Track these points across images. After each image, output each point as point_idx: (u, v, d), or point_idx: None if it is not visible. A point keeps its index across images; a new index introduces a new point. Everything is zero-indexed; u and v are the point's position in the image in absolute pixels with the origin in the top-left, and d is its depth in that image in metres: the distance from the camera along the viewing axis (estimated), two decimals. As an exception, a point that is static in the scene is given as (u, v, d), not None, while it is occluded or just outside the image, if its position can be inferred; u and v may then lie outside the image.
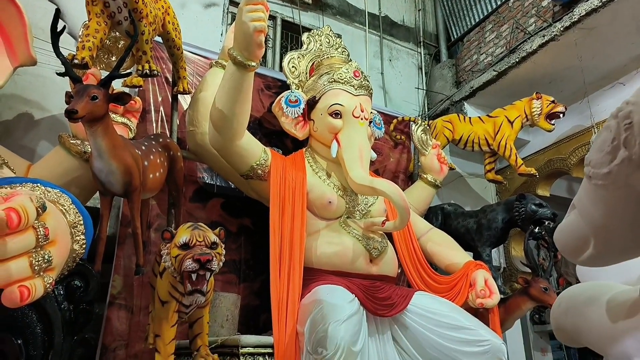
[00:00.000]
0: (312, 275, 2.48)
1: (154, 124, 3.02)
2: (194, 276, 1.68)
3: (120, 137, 2.06)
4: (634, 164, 0.68)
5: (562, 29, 3.50)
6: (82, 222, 1.83)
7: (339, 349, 1.93)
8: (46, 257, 1.49)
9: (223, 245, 1.88)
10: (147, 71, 2.21)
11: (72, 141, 2.32)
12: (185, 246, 1.73)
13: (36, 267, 1.45)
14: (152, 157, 2.25)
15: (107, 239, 2.82)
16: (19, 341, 1.68)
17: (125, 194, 2.07)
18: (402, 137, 3.97)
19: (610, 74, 3.69)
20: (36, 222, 1.47)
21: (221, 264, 1.85)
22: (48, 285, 1.52)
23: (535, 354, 4.46)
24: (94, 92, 1.81)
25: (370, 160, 2.88)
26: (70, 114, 1.72)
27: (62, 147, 2.35)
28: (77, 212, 1.83)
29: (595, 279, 1.07)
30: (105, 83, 1.88)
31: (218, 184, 3.11)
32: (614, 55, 3.55)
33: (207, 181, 3.08)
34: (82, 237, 1.82)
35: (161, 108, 3.09)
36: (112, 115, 2.43)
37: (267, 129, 3.36)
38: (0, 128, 2.70)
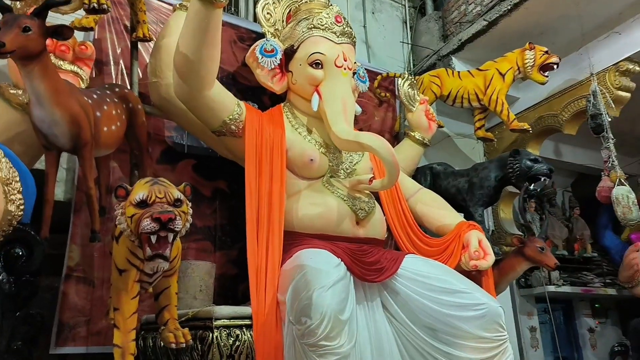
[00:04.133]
0: (294, 240, 2.26)
1: (113, 78, 2.71)
2: (153, 238, 1.43)
3: (65, 81, 1.76)
4: None
5: (557, -28, 3.25)
6: (18, 179, 1.55)
7: (324, 317, 1.72)
8: (-41, 216, 1.24)
9: (189, 204, 1.62)
10: (95, 5, 1.88)
11: (12, 91, 2.01)
12: (143, 204, 1.47)
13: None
14: (105, 107, 1.96)
15: (63, 205, 2.55)
16: (-52, 319, 1.42)
17: (74, 149, 1.78)
18: (387, 94, 3.75)
19: (606, 22, 3.48)
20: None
21: (188, 224, 1.60)
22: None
23: (521, 318, 4.39)
24: (26, 23, 1.50)
25: (355, 116, 2.64)
26: (-4, 48, 1.42)
27: (1, 99, 2.04)
28: (11, 168, 1.54)
29: None
30: (39, 13, 1.57)
31: (189, 143, 2.84)
32: (610, 2, 3.33)
33: (176, 140, 2.81)
34: (19, 196, 1.55)
35: (121, 60, 2.76)
36: (60, 62, 2.13)
37: (241, 85, 3.09)
38: None
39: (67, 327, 2.21)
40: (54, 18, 2.05)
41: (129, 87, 2.47)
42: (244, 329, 1.88)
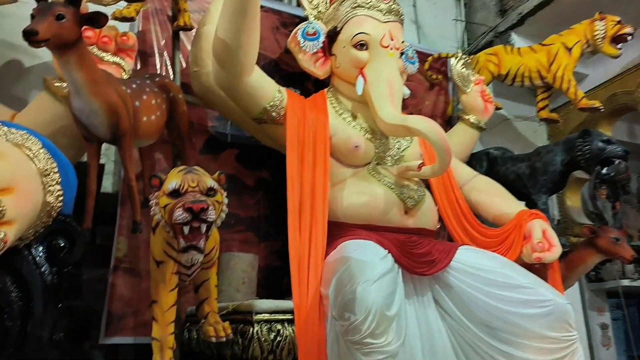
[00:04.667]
0: (338, 231, 2.14)
1: (158, 69, 2.69)
2: (186, 229, 1.36)
3: (103, 71, 1.74)
4: None
5: None
6: (56, 170, 1.55)
7: (369, 313, 1.60)
8: (-7, 207, 1.22)
9: (224, 193, 1.55)
10: (132, -8, 1.85)
11: (57, 84, 2.03)
12: (176, 193, 1.41)
13: (-22, 220, 1.18)
14: (145, 97, 1.93)
15: (111, 197, 2.58)
16: (-9, 311, 1.43)
17: (114, 139, 1.76)
18: (439, 77, 3.54)
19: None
20: (-23, 165, 1.20)
21: (223, 215, 1.53)
22: (-1, 240, 1.25)
23: (591, 314, 4.06)
24: (59, 11, 1.48)
25: (403, 99, 2.47)
26: (29, 35, 1.41)
27: (46, 92, 2.07)
28: (49, 159, 1.53)
29: None
30: (73, 0, 1.54)
31: (231, 132, 2.79)
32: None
33: (219, 130, 2.77)
34: (58, 187, 1.54)
35: (165, 52, 2.75)
36: (102, 54, 2.12)
37: (284, 72, 3.00)
38: (-14, 77, 2.45)
39: (116, 318, 2.24)
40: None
41: (170, 77, 2.45)
42: (286, 324, 1.80)
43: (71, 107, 1.68)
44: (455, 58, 3.00)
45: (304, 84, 2.97)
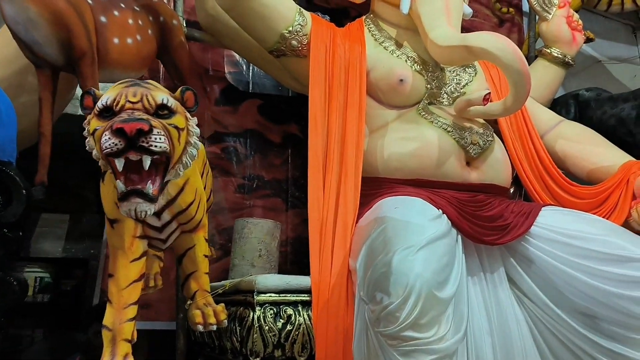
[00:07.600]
0: (377, 189, 1.64)
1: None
2: (120, 164, 0.90)
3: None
4: None
5: None
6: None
7: (410, 293, 1.10)
8: None
9: (190, 118, 1.06)
10: None
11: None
12: (108, 112, 0.95)
13: None
14: (116, 12, 1.49)
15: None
16: None
17: (69, 62, 1.34)
18: (511, 10, 2.94)
19: None
20: None
21: (193, 151, 1.05)
22: None
23: None
24: None
25: (463, 20, 1.90)
26: None
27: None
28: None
29: None
30: None
31: (253, 80, 2.34)
32: None
33: (239, 77, 2.33)
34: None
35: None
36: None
37: (318, 7, 2.51)
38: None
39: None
40: None
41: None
42: (300, 307, 1.32)
43: (4, 17, 1.28)
44: (533, -23, 2.36)
45: (341, 20, 2.46)
